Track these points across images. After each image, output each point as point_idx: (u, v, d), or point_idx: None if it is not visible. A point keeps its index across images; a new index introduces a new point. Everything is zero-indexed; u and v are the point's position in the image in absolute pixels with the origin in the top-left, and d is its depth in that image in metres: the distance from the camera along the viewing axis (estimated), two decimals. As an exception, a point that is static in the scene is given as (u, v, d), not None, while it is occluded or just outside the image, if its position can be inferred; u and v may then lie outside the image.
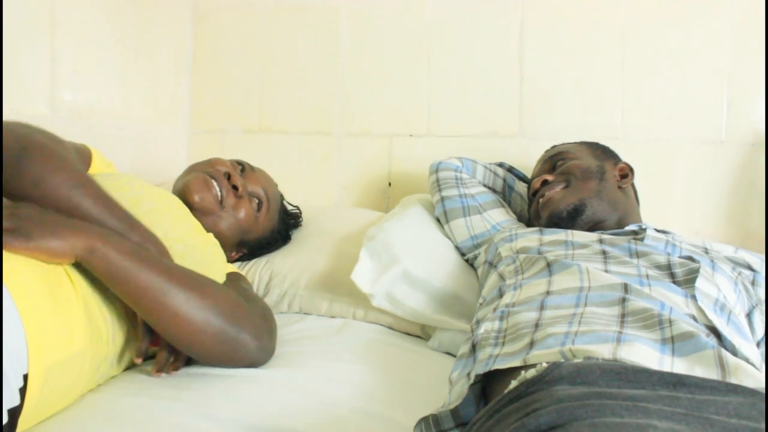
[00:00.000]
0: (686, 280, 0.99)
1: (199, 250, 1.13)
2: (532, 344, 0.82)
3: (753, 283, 1.13)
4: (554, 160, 1.45)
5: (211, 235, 1.24)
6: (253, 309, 1.08)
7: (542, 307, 0.93)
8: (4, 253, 0.85)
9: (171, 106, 2.00)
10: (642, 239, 1.17)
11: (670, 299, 0.91)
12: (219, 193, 1.33)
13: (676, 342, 0.77)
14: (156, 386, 0.97)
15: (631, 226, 1.31)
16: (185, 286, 0.97)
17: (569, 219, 1.33)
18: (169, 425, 0.85)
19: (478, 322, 1.03)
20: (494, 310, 1.02)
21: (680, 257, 1.08)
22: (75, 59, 1.59)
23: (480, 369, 0.82)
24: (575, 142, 1.54)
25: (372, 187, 1.94)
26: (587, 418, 0.54)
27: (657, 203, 1.73)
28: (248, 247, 1.47)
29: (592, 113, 1.79)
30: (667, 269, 1.03)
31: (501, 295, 1.09)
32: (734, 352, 0.80)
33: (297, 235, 1.64)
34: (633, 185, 1.47)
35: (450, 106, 1.88)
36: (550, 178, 1.40)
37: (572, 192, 1.36)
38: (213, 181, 1.33)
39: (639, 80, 1.77)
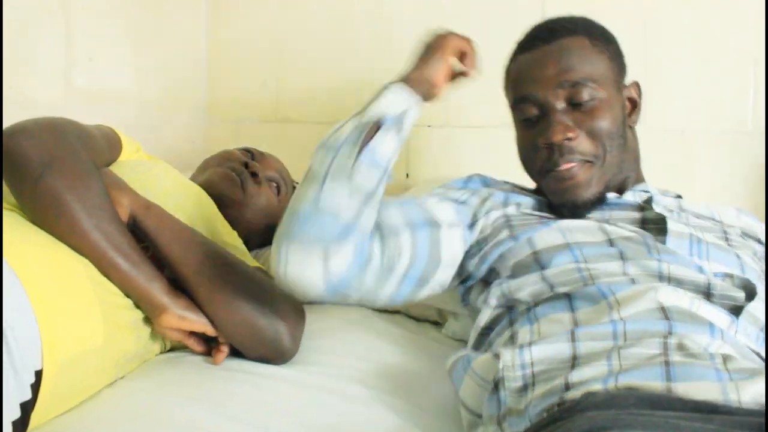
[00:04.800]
0: (730, 306, 0.86)
1: (225, 248, 1.12)
2: (567, 387, 0.72)
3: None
4: (571, 87, 1.02)
5: (235, 233, 1.24)
6: (287, 298, 1.08)
7: (573, 338, 0.79)
8: (20, 253, 0.84)
9: (186, 93, 1.99)
10: (662, 239, 0.96)
11: (719, 320, 0.80)
12: (241, 184, 1.33)
13: (733, 373, 0.67)
14: (175, 384, 0.96)
15: (635, 190, 1.08)
16: (229, 257, 1.06)
17: (586, 209, 1.05)
18: (185, 424, 0.85)
19: (489, 351, 0.88)
20: (512, 340, 0.88)
21: (716, 274, 0.91)
22: (90, 45, 1.58)
23: (520, 426, 0.74)
24: (588, 31, 1.10)
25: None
26: (615, 429, 0.53)
27: (681, 194, 1.69)
28: (272, 232, 1.46)
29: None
30: (705, 291, 0.87)
31: (511, 323, 0.92)
32: None
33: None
34: None
35: (470, 94, 1.83)
36: (573, 135, 1.00)
37: (599, 174, 1.03)
38: (233, 173, 1.33)
39: (661, 68, 1.73)
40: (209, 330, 1.02)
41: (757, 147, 1.67)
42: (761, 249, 1.05)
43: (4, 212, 0.95)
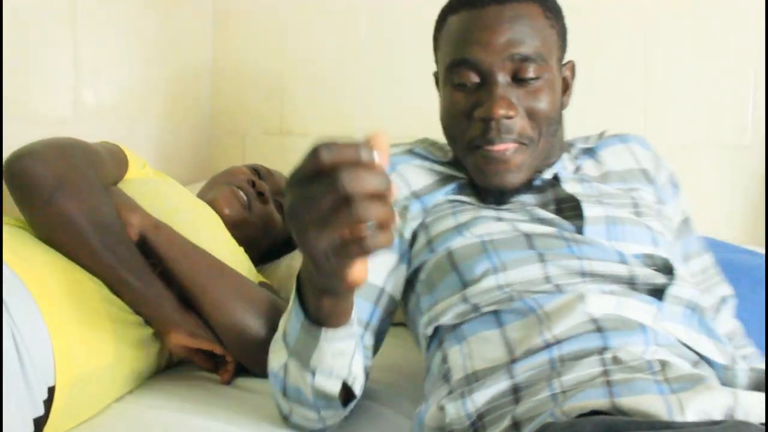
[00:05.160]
0: (653, 289, 0.86)
1: (232, 266, 1.13)
2: (517, 426, 0.72)
3: (659, 203, 1.04)
4: (520, 62, 0.93)
5: (241, 249, 1.25)
6: None
7: (512, 374, 0.78)
8: (33, 270, 0.86)
9: (191, 107, 2.00)
10: (579, 225, 0.92)
11: (647, 318, 0.80)
12: (247, 202, 1.34)
13: (672, 384, 0.69)
14: (184, 399, 0.97)
15: (545, 174, 1.01)
16: (237, 276, 1.06)
17: (511, 195, 0.98)
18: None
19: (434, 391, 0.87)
20: (445, 377, 0.86)
21: (636, 256, 0.90)
22: (97, 61, 1.60)
23: None
24: (541, 6, 0.98)
25: (394, 190, 1.93)
26: None
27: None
28: (277, 249, 1.48)
29: (614, 116, 1.76)
30: (629, 278, 0.87)
31: (441, 342, 0.90)
32: (721, 371, 0.78)
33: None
34: None
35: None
36: (513, 113, 0.92)
37: (530, 159, 0.95)
38: (239, 191, 1.34)
39: (662, 83, 1.74)
40: (217, 348, 1.03)
41: (756, 160, 1.69)
42: (652, 190, 1.05)
43: (17, 230, 0.97)
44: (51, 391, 0.82)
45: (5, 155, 0.99)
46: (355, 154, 0.50)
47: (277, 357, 0.81)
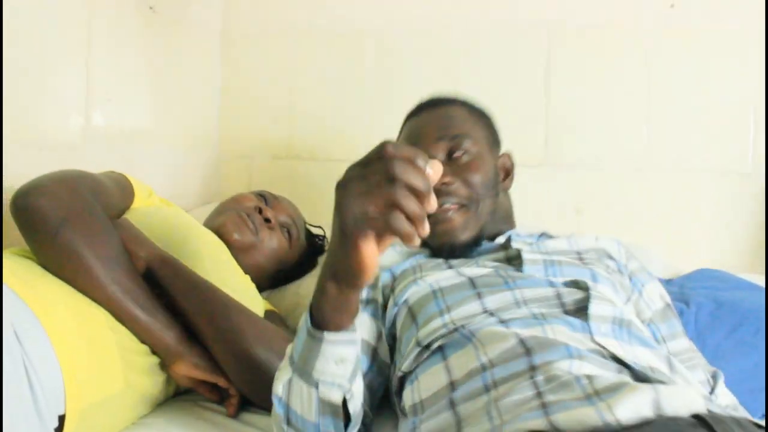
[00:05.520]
0: (578, 309, 0.93)
1: (238, 293, 1.15)
2: None
3: (619, 272, 1.13)
4: (451, 141, 1.14)
5: (248, 277, 1.26)
6: None
7: (453, 405, 0.83)
8: (43, 302, 0.88)
9: (200, 131, 2.03)
10: (519, 266, 1.05)
11: (573, 338, 0.85)
12: (255, 228, 1.36)
13: (601, 394, 0.71)
14: (187, 427, 0.99)
15: (499, 238, 1.17)
16: (242, 308, 1.07)
17: (462, 251, 1.13)
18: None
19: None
20: (404, 415, 0.93)
21: (565, 283, 1.00)
22: (108, 86, 1.62)
23: None
24: (466, 103, 1.24)
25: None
26: None
27: (682, 234, 1.72)
28: (283, 276, 1.49)
29: (617, 142, 1.78)
30: (556, 300, 0.95)
31: (401, 390, 0.96)
32: (645, 376, 0.79)
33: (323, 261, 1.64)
34: None
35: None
36: (449, 180, 1.10)
37: (474, 219, 1.12)
38: (246, 218, 1.36)
39: (664, 110, 1.76)
40: (220, 381, 1.04)
41: (756, 187, 1.70)
42: (613, 263, 1.14)
43: (24, 260, 0.98)
44: (61, 419, 0.83)
45: (15, 181, 1.01)
46: (414, 156, 0.60)
47: (281, 376, 0.83)
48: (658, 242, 1.70)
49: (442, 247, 1.13)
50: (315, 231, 1.64)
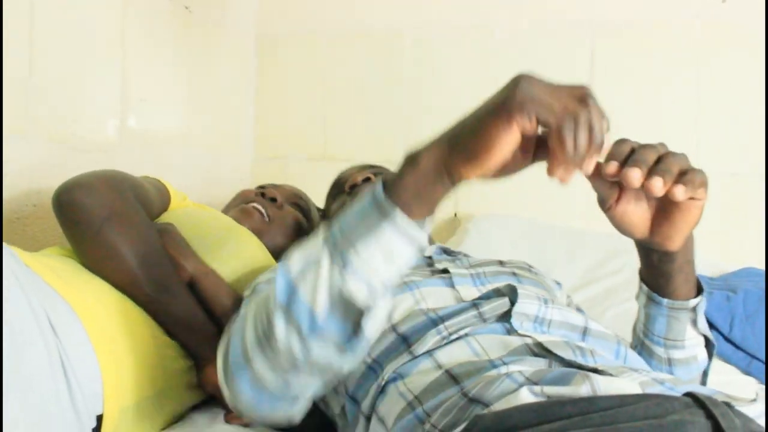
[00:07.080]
0: (499, 316, 0.84)
1: None
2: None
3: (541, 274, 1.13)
4: (370, 168, 1.31)
5: None
6: None
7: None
8: (82, 301, 0.87)
9: (235, 132, 2.02)
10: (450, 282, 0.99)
11: (492, 343, 0.78)
12: (264, 212, 1.34)
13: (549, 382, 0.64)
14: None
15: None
16: None
17: None
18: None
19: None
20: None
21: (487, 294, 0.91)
22: (143, 88, 1.61)
23: None
24: None
25: (437, 218, 1.91)
26: None
27: (733, 237, 1.69)
28: None
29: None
30: (477, 309, 0.85)
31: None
32: (581, 363, 0.72)
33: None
34: None
35: (516, 135, 1.83)
36: (372, 176, 1.22)
37: None
38: (250, 205, 1.34)
39: (714, 112, 1.72)
40: None
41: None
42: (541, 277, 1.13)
43: (66, 259, 0.98)
44: (99, 419, 0.82)
45: (53, 182, 1.00)
46: (604, 117, 0.58)
47: (303, 256, 0.65)
48: (707, 244, 1.66)
49: None
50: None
